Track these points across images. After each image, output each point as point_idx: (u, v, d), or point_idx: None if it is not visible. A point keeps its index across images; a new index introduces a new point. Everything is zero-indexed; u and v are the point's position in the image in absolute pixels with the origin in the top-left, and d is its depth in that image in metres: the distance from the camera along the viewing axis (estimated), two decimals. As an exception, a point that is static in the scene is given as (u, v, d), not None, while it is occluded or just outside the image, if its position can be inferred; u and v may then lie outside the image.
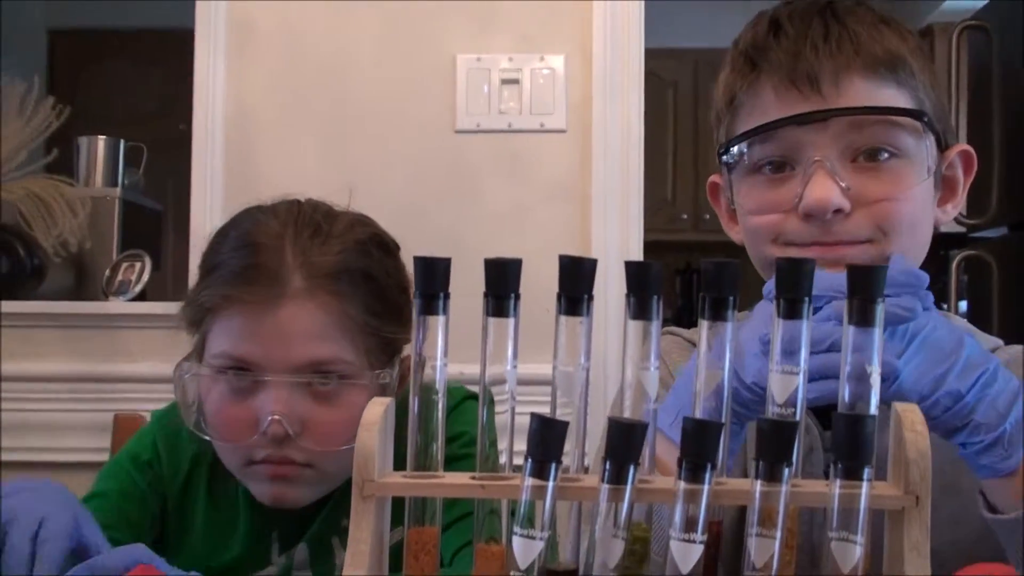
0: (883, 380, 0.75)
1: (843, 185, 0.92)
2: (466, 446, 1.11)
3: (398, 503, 0.66)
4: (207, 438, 1.09)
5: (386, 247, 1.14)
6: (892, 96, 0.95)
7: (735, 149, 0.98)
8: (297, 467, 1.06)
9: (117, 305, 2.33)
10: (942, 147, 0.98)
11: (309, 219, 1.10)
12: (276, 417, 1.03)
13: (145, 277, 2.37)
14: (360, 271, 1.09)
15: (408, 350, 1.12)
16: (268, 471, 1.06)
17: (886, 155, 0.94)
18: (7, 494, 0.90)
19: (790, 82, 0.94)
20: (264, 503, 1.09)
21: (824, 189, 0.91)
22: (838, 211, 0.92)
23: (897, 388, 0.76)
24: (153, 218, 2.83)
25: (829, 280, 0.77)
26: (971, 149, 1.03)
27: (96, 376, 2.25)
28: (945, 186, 1.02)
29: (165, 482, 1.17)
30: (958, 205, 1.04)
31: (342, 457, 1.03)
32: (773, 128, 0.94)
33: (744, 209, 1.01)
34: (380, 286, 1.10)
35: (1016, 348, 1.02)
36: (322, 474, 1.08)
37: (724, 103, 1.01)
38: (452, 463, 0.67)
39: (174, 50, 2.81)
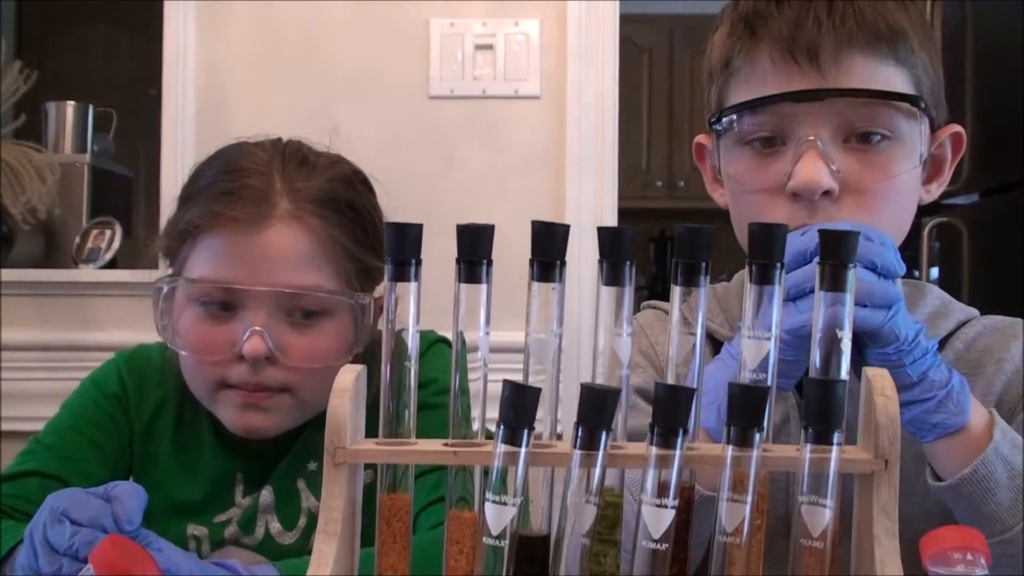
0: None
1: (833, 167, 0.91)
2: (437, 395, 1.11)
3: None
4: (182, 352, 1.08)
5: (367, 183, 1.16)
6: (891, 75, 0.93)
7: (726, 118, 0.97)
8: (271, 394, 1.06)
9: (87, 273, 2.31)
10: (934, 127, 0.97)
11: (295, 152, 1.12)
12: (257, 328, 1.03)
13: (115, 244, 2.35)
14: (346, 200, 1.10)
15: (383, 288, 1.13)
16: (240, 397, 1.06)
17: (879, 137, 0.93)
18: None
19: (789, 54, 0.93)
20: (234, 432, 1.09)
21: (814, 169, 0.90)
22: (826, 193, 0.91)
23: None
24: (123, 185, 2.80)
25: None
26: (962, 131, 1.02)
27: (66, 344, 2.24)
28: (932, 165, 1.01)
29: (131, 417, 1.17)
30: (943, 184, 1.03)
31: (318, 384, 1.05)
32: (767, 103, 0.93)
33: (731, 182, 1.00)
34: (363, 217, 1.11)
35: (991, 318, 1.03)
36: (298, 401, 1.08)
37: (719, 65, 0.99)
38: (424, 411, 0.67)
39: (145, 14, 2.77)
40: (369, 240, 1.11)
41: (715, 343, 1.04)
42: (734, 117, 0.96)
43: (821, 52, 0.92)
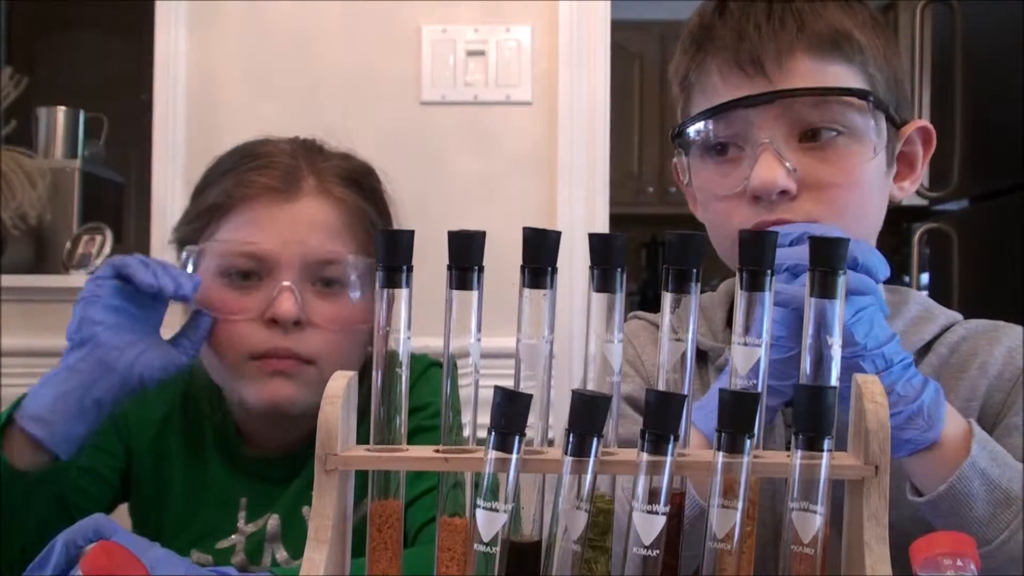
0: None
1: (789, 166, 0.92)
2: (432, 417, 1.11)
3: (361, 477, 0.66)
4: (210, 316, 1.07)
5: (378, 177, 1.19)
6: (839, 73, 0.94)
7: (687, 132, 0.99)
8: (298, 363, 1.06)
9: (78, 279, 2.31)
10: (897, 123, 0.98)
11: (312, 143, 1.16)
12: (287, 284, 1.05)
13: (106, 250, 2.35)
14: (367, 183, 1.15)
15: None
16: (269, 366, 1.06)
17: (833, 134, 0.94)
18: None
19: (735, 63, 0.95)
20: (258, 408, 1.08)
21: (770, 170, 0.92)
22: (784, 192, 0.92)
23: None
24: (114, 190, 2.80)
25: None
26: (930, 125, 1.02)
27: (57, 351, 2.22)
28: (903, 162, 1.02)
29: (132, 437, 1.16)
30: (917, 180, 1.04)
31: (342, 360, 1.07)
32: (718, 112, 0.95)
33: (700, 193, 1.01)
34: (377, 203, 1.15)
35: (974, 322, 1.03)
36: (322, 374, 1.06)
37: (678, 86, 1.03)
38: (420, 434, 0.67)
39: (136, 19, 2.77)
40: (386, 223, 1.14)
41: (698, 353, 1.05)
42: (692, 131, 0.98)
43: (764, 57, 0.94)
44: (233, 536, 1.13)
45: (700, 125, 0.97)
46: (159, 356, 1.03)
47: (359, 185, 1.13)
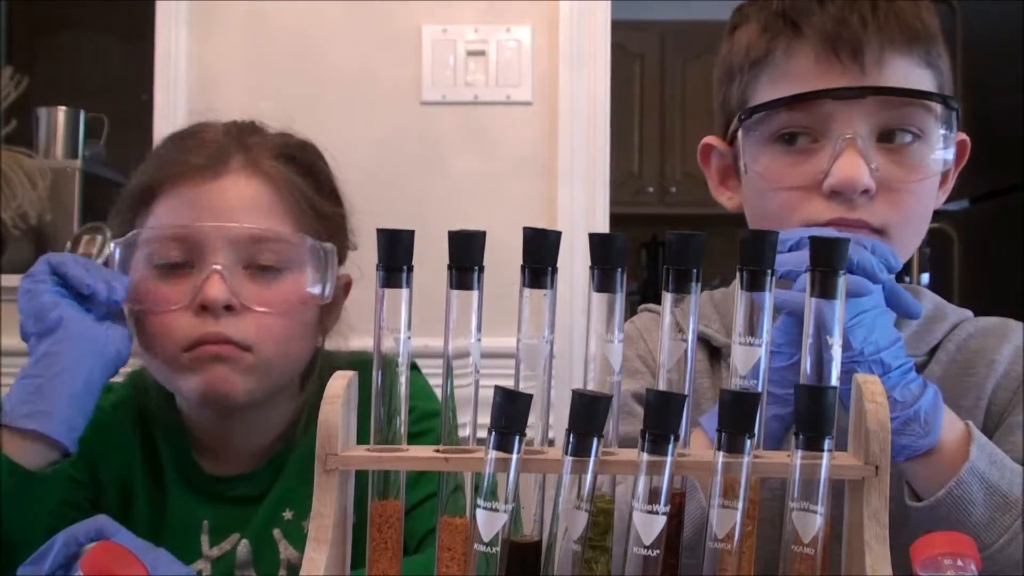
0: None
1: (872, 166, 0.91)
2: (417, 422, 1.05)
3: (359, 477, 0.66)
4: (140, 306, 1.03)
5: (319, 153, 1.13)
6: (922, 76, 0.94)
7: (757, 115, 0.95)
8: (235, 348, 1.00)
9: (78, 278, 2.30)
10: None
11: (246, 124, 1.11)
12: (217, 267, 0.99)
13: (106, 250, 2.33)
14: (300, 157, 1.09)
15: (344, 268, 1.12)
16: (204, 352, 1.00)
17: (908, 137, 0.93)
18: None
19: (832, 50, 0.92)
20: (201, 400, 1.03)
21: (854, 167, 0.90)
22: (864, 191, 0.91)
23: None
24: (115, 190, 2.79)
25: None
26: (967, 139, 1.02)
27: (58, 350, 2.23)
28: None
29: (98, 468, 1.11)
30: (947, 191, 1.03)
31: (280, 347, 1.03)
32: (810, 98, 0.92)
33: (760, 180, 0.97)
34: (316, 178, 1.10)
35: (982, 320, 1.03)
36: (260, 361, 1.02)
37: (747, 62, 0.98)
38: (408, 439, 0.66)
39: (136, 19, 2.77)
40: (324, 203, 1.08)
41: (712, 349, 1.04)
42: (765, 113, 0.95)
43: (865, 50, 0.92)
44: (199, 562, 1.08)
45: (780, 109, 0.94)
46: (122, 333, 1.00)
47: (293, 160, 1.07)
